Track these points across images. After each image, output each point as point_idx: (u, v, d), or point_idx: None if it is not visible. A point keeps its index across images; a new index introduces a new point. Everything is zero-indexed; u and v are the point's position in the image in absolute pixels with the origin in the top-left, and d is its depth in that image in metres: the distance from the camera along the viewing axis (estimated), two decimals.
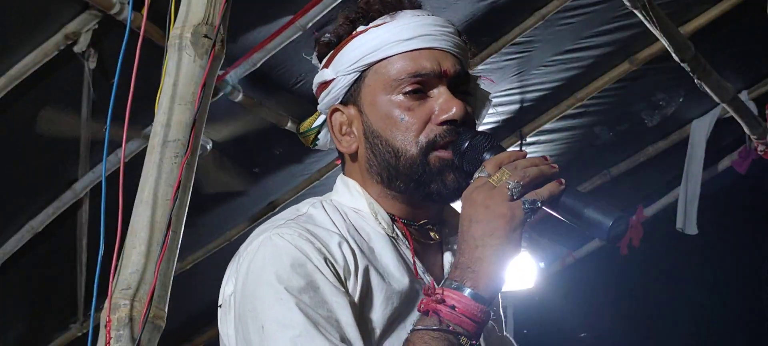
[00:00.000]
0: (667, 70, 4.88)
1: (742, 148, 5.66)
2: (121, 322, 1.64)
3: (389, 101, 1.73)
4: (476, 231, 1.54)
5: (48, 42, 3.52)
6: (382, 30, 1.75)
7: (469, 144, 1.68)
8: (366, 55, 1.75)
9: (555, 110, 5.14)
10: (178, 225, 1.72)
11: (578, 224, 1.57)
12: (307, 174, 4.87)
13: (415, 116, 1.71)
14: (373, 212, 1.76)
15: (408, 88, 1.71)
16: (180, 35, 1.80)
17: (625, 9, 3.72)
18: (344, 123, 1.79)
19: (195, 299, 5.28)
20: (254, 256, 1.63)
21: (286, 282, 1.57)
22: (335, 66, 1.78)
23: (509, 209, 1.53)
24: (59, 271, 4.68)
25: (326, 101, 1.82)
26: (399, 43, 1.73)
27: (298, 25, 3.73)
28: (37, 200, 4.27)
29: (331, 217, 1.73)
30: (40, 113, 3.86)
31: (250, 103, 4.11)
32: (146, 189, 1.71)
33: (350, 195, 1.80)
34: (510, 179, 1.54)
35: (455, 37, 1.78)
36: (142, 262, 1.67)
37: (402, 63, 1.73)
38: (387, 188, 1.76)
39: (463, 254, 1.55)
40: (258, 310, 1.58)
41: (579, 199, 1.57)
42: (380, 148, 1.74)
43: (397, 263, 1.72)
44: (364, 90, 1.76)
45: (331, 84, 1.79)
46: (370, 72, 1.75)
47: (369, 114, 1.75)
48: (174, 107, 1.75)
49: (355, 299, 1.62)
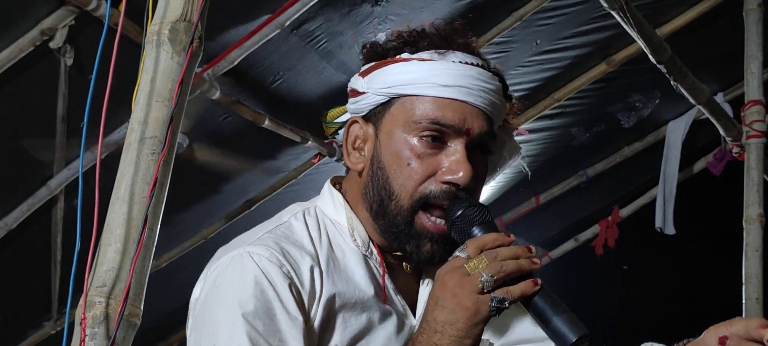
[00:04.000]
0: (643, 72, 4.91)
1: (718, 150, 5.70)
2: (96, 319, 1.63)
3: (404, 140, 1.72)
4: (439, 316, 1.52)
5: (23, 38, 3.49)
6: (423, 67, 1.72)
7: (461, 213, 1.66)
8: (400, 85, 1.73)
9: (532, 111, 5.16)
10: (154, 222, 1.71)
11: (542, 328, 1.56)
12: (283, 172, 4.86)
13: (422, 166, 1.70)
14: (350, 227, 1.76)
15: (425, 134, 1.70)
16: (158, 32, 1.79)
17: (602, 10, 3.74)
18: (359, 137, 1.80)
19: (171, 296, 5.25)
20: (223, 271, 1.66)
21: (244, 306, 1.60)
22: (370, 81, 1.77)
23: (475, 303, 1.51)
24: (33, 268, 4.65)
25: (353, 109, 1.82)
26: (434, 87, 1.71)
27: (276, 23, 3.72)
28: (12, 196, 4.24)
29: (309, 231, 1.74)
30: (15, 110, 3.83)
31: (228, 101, 4.10)
32: (123, 186, 1.70)
33: (334, 207, 1.81)
34: (484, 270, 1.52)
35: (494, 95, 1.75)
36: (118, 259, 1.66)
37: (428, 107, 1.70)
38: (372, 218, 1.76)
39: (421, 334, 1.54)
40: (212, 326, 1.62)
41: (549, 304, 1.55)
42: (379, 182, 1.73)
43: (367, 281, 1.73)
44: (387, 117, 1.75)
45: (362, 97, 1.79)
46: (398, 101, 1.74)
47: (383, 142, 1.75)
48: (151, 104, 1.74)
49: (315, 325, 1.65)
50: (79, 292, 1.66)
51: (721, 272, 5.80)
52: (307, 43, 3.98)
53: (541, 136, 5.50)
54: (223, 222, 5.02)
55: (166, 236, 4.77)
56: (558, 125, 5.45)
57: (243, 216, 4.96)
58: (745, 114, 4.40)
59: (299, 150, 4.65)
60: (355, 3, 3.82)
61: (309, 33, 3.93)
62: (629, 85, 5.32)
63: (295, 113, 4.32)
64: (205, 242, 5.02)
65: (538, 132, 5.43)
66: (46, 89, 3.74)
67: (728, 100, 5.43)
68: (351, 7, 3.83)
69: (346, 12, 3.85)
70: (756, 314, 4.03)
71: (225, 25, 3.75)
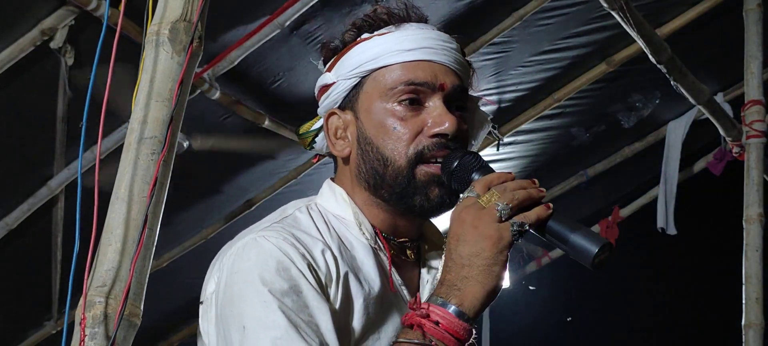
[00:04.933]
0: (643, 72, 4.91)
1: (718, 150, 5.69)
2: (96, 319, 1.63)
3: (384, 109, 1.75)
4: (463, 250, 1.55)
5: (24, 38, 3.50)
6: (385, 39, 1.77)
7: (458, 163, 1.69)
8: (366, 61, 1.77)
9: (532, 111, 5.16)
10: (154, 222, 1.72)
11: (564, 248, 1.59)
12: (283, 172, 4.86)
13: (408, 126, 1.73)
14: (357, 221, 1.78)
15: (403, 97, 1.74)
16: (157, 32, 1.79)
17: (603, 10, 3.74)
18: (340, 127, 1.82)
19: (171, 296, 5.27)
20: (239, 256, 1.65)
21: (270, 284, 1.58)
22: (337, 70, 1.81)
23: (497, 230, 1.54)
24: (34, 268, 4.65)
25: (325, 104, 1.85)
26: (399, 53, 1.75)
27: (276, 24, 3.73)
28: (12, 196, 4.24)
29: (315, 223, 1.75)
30: (15, 110, 3.83)
31: (228, 100, 4.10)
32: (122, 186, 1.70)
33: (336, 202, 1.82)
34: (499, 201, 1.56)
35: (457, 54, 1.80)
36: (118, 259, 1.66)
37: (399, 72, 1.75)
38: (373, 195, 1.78)
39: (449, 272, 1.56)
40: (240, 310, 1.59)
41: (566, 225, 1.59)
42: (370, 155, 1.76)
43: (376, 272, 1.74)
44: (362, 96, 1.78)
45: (332, 88, 1.82)
46: (368, 79, 1.78)
47: (363, 120, 1.77)
48: (151, 104, 1.75)
49: (335, 307, 1.64)
50: (78, 292, 1.67)
51: (721, 272, 5.80)
52: (307, 43, 3.98)
53: (541, 137, 5.50)
54: (223, 222, 5.02)
55: (166, 236, 4.77)
56: (558, 125, 5.45)
57: (243, 216, 4.96)
58: (745, 114, 4.40)
59: (299, 150, 4.65)
60: (355, 3, 3.82)
61: (309, 33, 3.93)
62: (629, 85, 5.32)
63: (295, 113, 4.32)
64: (205, 242, 5.02)
65: (538, 132, 5.43)
66: (46, 89, 3.74)
67: (728, 100, 5.43)
68: (351, 7, 3.83)
69: (346, 12, 3.85)
70: (756, 314, 4.03)
71: (225, 25, 3.75)
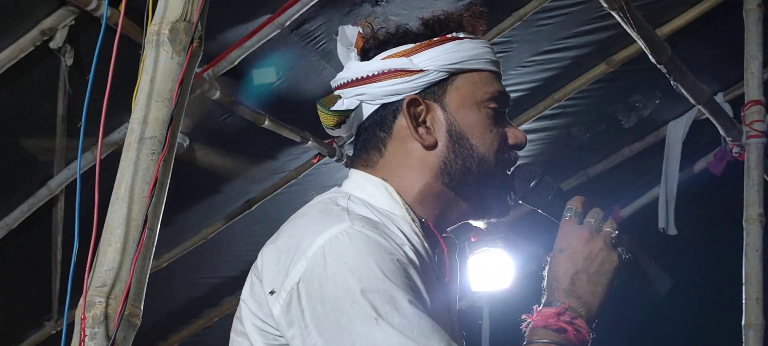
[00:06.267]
0: (643, 72, 4.91)
1: (718, 150, 5.69)
2: (96, 319, 1.63)
3: (478, 111, 1.81)
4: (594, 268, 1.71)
5: (24, 38, 3.50)
6: (479, 44, 1.87)
7: (540, 181, 1.82)
8: (464, 60, 1.82)
9: (532, 111, 5.16)
10: (154, 222, 1.71)
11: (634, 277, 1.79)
12: (283, 172, 4.86)
13: (498, 134, 1.82)
14: (411, 217, 1.74)
15: (495, 106, 1.82)
16: (157, 32, 1.79)
17: (603, 10, 3.74)
18: (421, 115, 1.80)
19: (171, 297, 5.26)
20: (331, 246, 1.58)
21: (381, 265, 1.55)
22: (427, 58, 1.81)
23: (617, 256, 1.74)
24: (34, 268, 4.65)
25: (398, 89, 1.81)
26: (488, 63, 1.85)
27: (276, 23, 3.73)
28: (12, 196, 4.24)
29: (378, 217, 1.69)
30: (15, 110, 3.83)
31: (228, 101, 4.10)
32: (122, 186, 1.70)
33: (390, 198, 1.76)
34: (607, 228, 1.75)
35: None
36: (118, 259, 1.66)
37: (494, 81, 1.85)
38: (447, 186, 1.79)
39: (581, 287, 1.70)
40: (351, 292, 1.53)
41: (642, 252, 1.79)
42: (465, 151, 1.79)
43: (435, 267, 1.73)
44: (452, 92, 1.81)
45: (418, 75, 1.80)
46: (461, 77, 1.82)
47: (456, 115, 1.80)
48: (151, 104, 1.74)
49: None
50: (78, 292, 1.66)
51: (721, 272, 5.79)
52: (307, 43, 3.99)
53: (541, 137, 5.50)
54: (223, 222, 5.02)
55: (166, 236, 4.77)
56: (558, 125, 5.45)
57: (243, 216, 4.96)
58: (745, 114, 4.40)
59: (299, 150, 4.65)
60: (355, 3, 3.82)
61: (309, 33, 3.93)
62: (629, 86, 5.32)
63: (295, 113, 4.32)
64: (205, 242, 5.01)
65: (538, 132, 5.43)
66: (46, 89, 3.74)
67: (728, 100, 5.42)
68: (351, 7, 3.83)
69: (346, 12, 3.85)
70: (756, 314, 4.03)
71: (225, 25, 3.75)
